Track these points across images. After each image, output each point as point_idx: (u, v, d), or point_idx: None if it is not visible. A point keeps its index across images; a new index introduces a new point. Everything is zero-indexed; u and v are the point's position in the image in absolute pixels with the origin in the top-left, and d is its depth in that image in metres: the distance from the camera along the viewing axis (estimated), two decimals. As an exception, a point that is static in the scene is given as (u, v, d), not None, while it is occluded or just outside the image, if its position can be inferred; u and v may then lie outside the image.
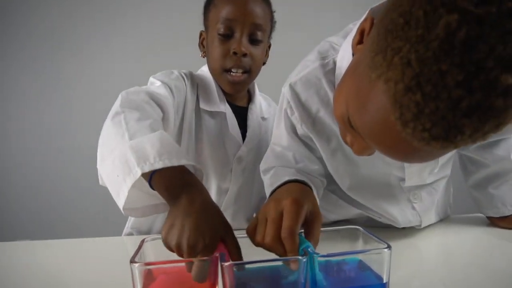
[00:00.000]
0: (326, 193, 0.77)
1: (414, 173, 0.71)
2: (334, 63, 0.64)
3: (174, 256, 0.44)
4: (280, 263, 0.44)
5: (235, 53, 0.80)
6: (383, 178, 0.73)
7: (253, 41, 0.82)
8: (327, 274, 0.44)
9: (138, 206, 0.55)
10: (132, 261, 0.41)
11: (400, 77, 0.34)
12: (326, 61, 0.65)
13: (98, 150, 0.57)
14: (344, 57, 0.61)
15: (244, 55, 0.80)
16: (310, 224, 0.50)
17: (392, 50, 0.34)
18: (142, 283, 0.42)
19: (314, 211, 0.51)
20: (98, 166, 0.56)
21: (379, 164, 0.70)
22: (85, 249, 0.77)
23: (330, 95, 0.65)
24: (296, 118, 0.69)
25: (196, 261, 0.42)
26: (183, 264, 0.43)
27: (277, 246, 0.45)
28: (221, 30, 0.80)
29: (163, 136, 0.53)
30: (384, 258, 0.43)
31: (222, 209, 0.64)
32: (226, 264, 0.40)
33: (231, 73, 0.82)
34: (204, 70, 0.91)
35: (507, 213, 0.77)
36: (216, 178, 0.88)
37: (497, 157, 0.77)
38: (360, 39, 0.47)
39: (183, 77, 0.85)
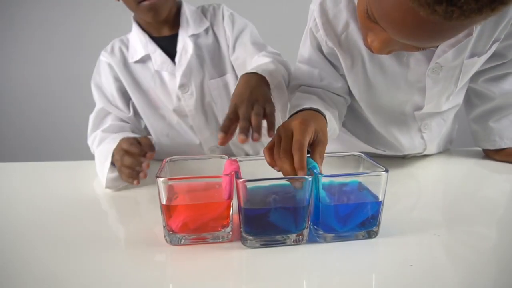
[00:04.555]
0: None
1: (434, 96, 0.72)
2: None
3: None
4: (287, 182, 0.49)
5: None
6: (399, 106, 0.76)
7: None
8: (330, 192, 0.49)
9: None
10: (158, 176, 0.47)
11: None
12: None
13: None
14: None
15: None
16: (315, 147, 0.54)
17: None
18: (166, 196, 0.48)
19: (320, 134, 0.55)
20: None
21: (401, 84, 0.70)
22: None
23: None
24: (321, 36, 0.69)
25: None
26: (202, 180, 0.49)
27: (288, 159, 0.49)
28: None
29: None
30: (381, 180, 0.48)
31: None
32: (241, 180, 0.45)
33: (145, 1, 0.81)
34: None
35: (503, 146, 0.81)
36: (174, 117, 0.95)
37: (503, 91, 0.78)
38: None
39: (107, 62, 0.91)
